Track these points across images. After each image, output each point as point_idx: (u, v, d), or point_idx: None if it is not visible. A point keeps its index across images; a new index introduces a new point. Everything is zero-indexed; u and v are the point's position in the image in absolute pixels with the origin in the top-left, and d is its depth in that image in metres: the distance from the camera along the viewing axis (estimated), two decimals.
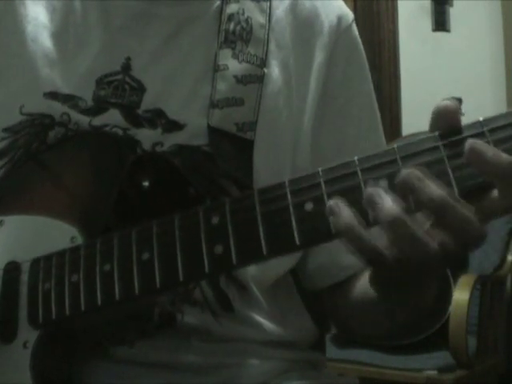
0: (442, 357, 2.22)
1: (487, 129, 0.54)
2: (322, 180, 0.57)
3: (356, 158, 0.57)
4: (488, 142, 0.53)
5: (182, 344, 0.76)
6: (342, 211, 0.55)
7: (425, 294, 0.67)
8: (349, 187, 0.56)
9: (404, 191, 0.54)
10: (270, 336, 0.82)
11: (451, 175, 0.54)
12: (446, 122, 0.55)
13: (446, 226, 0.53)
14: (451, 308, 2.22)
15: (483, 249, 2.54)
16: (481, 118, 0.55)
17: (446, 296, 0.71)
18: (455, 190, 0.54)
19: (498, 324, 2.43)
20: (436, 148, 0.55)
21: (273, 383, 0.81)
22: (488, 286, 2.41)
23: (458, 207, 0.52)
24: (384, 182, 0.55)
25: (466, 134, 0.55)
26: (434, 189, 0.53)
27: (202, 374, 0.77)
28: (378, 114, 0.91)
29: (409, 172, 0.53)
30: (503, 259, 2.52)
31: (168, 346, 0.76)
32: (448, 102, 0.56)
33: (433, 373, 2.18)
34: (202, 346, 0.77)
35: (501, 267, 2.51)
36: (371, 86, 0.90)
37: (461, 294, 2.22)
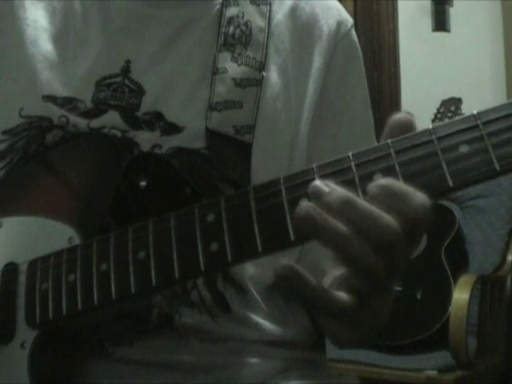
0: (442, 357, 2.22)
1: (481, 122, 0.54)
2: (316, 176, 0.57)
3: (350, 153, 0.57)
4: (482, 135, 0.54)
5: (181, 344, 0.76)
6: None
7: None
8: (343, 182, 0.56)
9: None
10: (268, 336, 0.82)
11: (445, 168, 0.54)
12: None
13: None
14: (451, 308, 2.22)
15: (483, 249, 2.55)
16: (475, 112, 0.55)
17: None
18: (450, 183, 0.54)
19: (497, 324, 2.43)
20: (430, 142, 0.55)
21: (272, 382, 0.81)
22: (488, 286, 2.41)
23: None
24: (378, 176, 0.56)
25: (460, 127, 0.55)
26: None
27: (201, 373, 0.77)
28: (372, 121, 0.91)
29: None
30: (503, 259, 2.52)
31: (167, 345, 0.76)
32: (403, 115, 0.56)
33: (433, 373, 2.18)
34: (201, 346, 0.77)
35: (501, 267, 2.51)
36: (367, 92, 0.91)
37: (461, 294, 2.22)
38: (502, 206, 2.59)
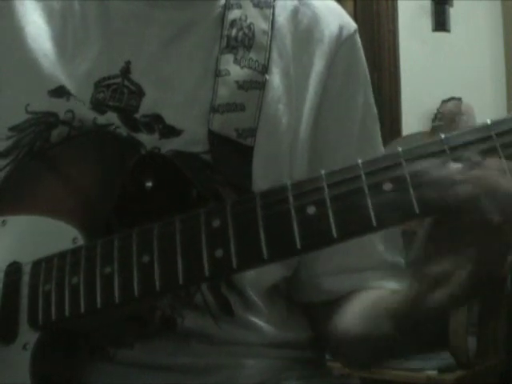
0: (442, 357, 2.22)
1: (495, 132, 0.53)
2: (325, 183, 0.57)
3: (360, 161, 0.56)
4: (495, 146, 0.52)
5: (182, 346, 0.76)
6: None
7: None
8: (352, 190, 0.56)
9: None
10: (269, 339, 0.82)
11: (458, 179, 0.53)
12: None
13: None
14: None
15: None
16: (488, 121, 0.53)
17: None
18: (461, 193, 0.53)
19: (498, 324, 2.43)
20: (442, 151, 0.54)
21: (272, 382, 0.81)
22: None
23: None
24: (388, 186, 0.55)
25: (472, 137, 0.54)
26: None
27: (202, 375, 0.77)
28: (377, 126, 0.90)
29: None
30: None
31: (167, 348, 0.76)
32: None
33: (433, 373, 2.18)
34: (202, 348, 0.77)
35: None
36: (371, 99, 0.89)
37: None
38: None
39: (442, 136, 0.55)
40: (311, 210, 0.56)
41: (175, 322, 0.76)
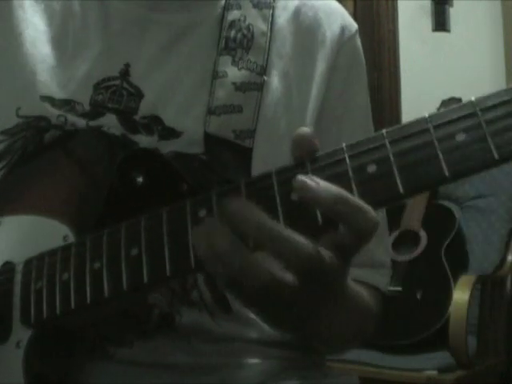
0: (442, 357, 2.22)
1: (479, 109, 0.52)
2: (309, 169, 0.57)
3: (344, 144, 0.56)
4: (480, 123, 0.52)
5: (182, 345, 0.76)
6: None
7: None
8: (336, 175, 0.56)
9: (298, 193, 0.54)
10: (268, 335, 0.82)
11: (441, 158, 0.52)
12: (303, 149, 0.57)
13: (340, 219, 0.54)
14: (451, 308, 2.22)
15: (483, 249, 2.55)
16: (472, 98, 0.53)
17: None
18: (446, 173, 0.52)
19: (498, 324, 2.43)
20: (426, 130, 0.53)
21: (272, 382, 0.81)
22: (488, 286, 2.41)
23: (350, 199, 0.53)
24: (372, 168, 0.55)
25: (458, 114, 0.53)
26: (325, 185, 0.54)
27: (202, 374, 0.77)
28: (372, 128, 0.90)
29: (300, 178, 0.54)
30: (503, 259, 2.52)
31: (167, 346, 0.76)
32: (303, 130, 0.57)
33: (433, 373, 2.18)
34: (202, 347, 0.77)
35: (501, 267, 2.51)
36: (368, 100, 0.90)
37: (461, 294, 2.22)
38: (502, 206, 2.59)
39: (426, 115, 0.54)
40: (295, 196, 0.56)
41: (173, 319, 0.76)
